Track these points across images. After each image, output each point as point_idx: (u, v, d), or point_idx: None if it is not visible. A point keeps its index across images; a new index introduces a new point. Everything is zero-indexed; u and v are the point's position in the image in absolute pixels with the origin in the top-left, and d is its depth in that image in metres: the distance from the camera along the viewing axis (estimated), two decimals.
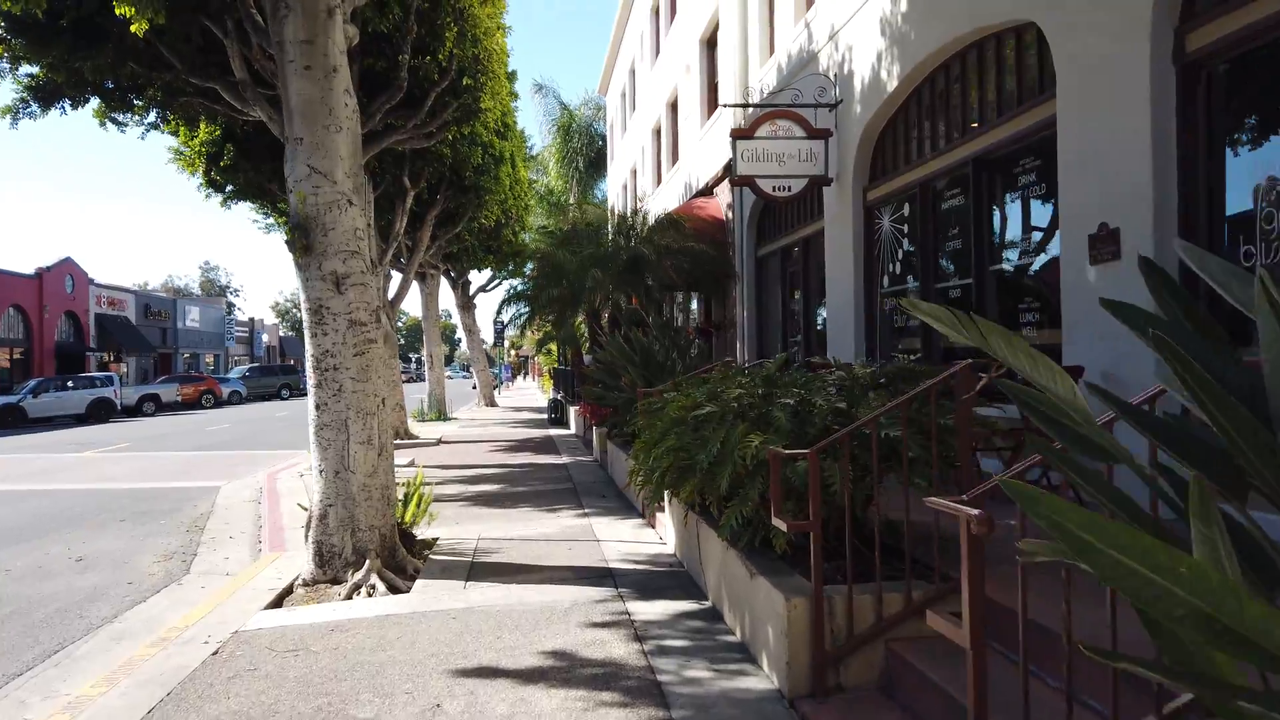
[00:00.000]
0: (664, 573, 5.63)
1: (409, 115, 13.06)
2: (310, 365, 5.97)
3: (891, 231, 8.64)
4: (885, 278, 8.77)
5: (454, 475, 11.42)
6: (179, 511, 9.85)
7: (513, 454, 13.98)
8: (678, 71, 17.99)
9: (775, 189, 9.41)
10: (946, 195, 7.46)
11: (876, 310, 8.96)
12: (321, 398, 5.92)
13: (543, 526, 7.48)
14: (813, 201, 10.80)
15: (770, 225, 12.75)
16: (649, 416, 5.43)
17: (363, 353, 5.96)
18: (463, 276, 28.66)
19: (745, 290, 13.27)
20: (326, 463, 5.94)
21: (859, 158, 8.99)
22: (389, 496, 6.15)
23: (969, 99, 7.12)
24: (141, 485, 11.99)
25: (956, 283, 7.40)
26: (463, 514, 8.36)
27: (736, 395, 4.07)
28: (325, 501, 5.96)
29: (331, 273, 5.86)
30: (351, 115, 6.04)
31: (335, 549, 5.94)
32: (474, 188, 17.19)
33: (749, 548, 4.10)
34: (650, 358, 8.71)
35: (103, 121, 13.53)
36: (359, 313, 5.94)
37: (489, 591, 5.39)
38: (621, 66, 27.77)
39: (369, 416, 5.97)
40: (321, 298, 5.87)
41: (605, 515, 7.92)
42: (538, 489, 9.83)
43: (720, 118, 14.42)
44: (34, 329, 35.16)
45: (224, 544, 8.08)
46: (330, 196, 5.86)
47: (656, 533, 6.96)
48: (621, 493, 9.17)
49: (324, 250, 5.86)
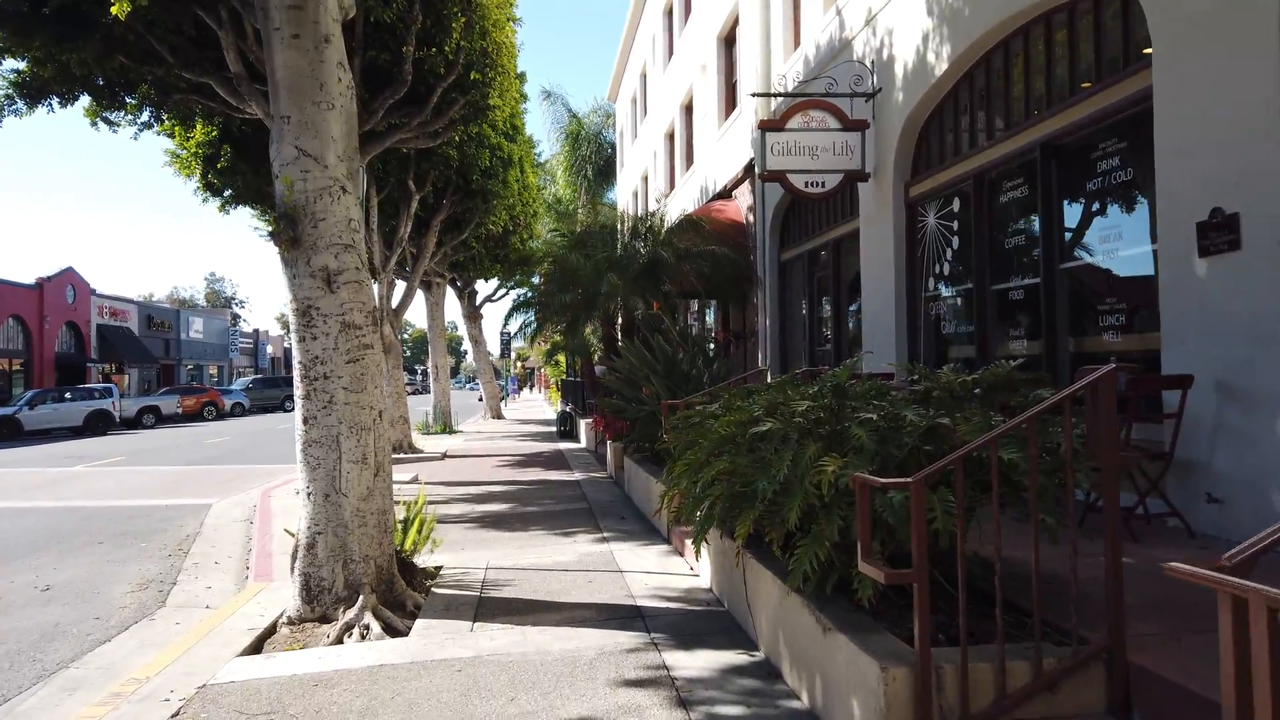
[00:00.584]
0: (702, 613, 4.87)
1: (413, 113, 12.41)
2: (297, 374, 5.26)
3: (938, 229, 7.92)
4: (931, 280, 8.04)
5: (459, 493, 10.69)
6: (163, 532, 9.13)
7: (522, 469, 13.25)
8: (692, 72, 17.36)
9: (808, 185, 8.70)
10: (1006, 186, 6.74)
11: (920, 315, 8.22)
12: (310, 410, 5.20)
13: (558, 553, 6.74)
14: (844, 200, 10.09)
15: (795, 228, 12.04)
16: (684, 432, 4.70)
17: (357, 359, 5.24)
18: (469, 286, 28.03)
19: (768, 296, 12.55)
20: (315, 484, 5.22)
21: (900, 150, 8.27)
22: (386, 522, 5.42)
23: (1033, 79, 6.41)
24: (128, 503, 11.29)
25: (1020, 283, 6.67)
26: (469, 537, 7.63)
27: (804, 409, 3.33)
28: (313, 528, 5.23)
29: (322, 268, 5.16)
30: (346, 92, 5.35)
31: (324, 583, 5.21)
32: (481, 192, 16.54)
33: (818, 593, 3.35)
34: (674, 367, 7.98)
35: (94, 121, 12.92)
36: (353, 314, 5.23)
37: (500, 636, 4.64)
38: (632, 71, 27.21)
39: (364, 432, 5.25)
40: (310, 297, 5.17)
41: (626, 540, 7.17)
42: (550, 509, 9.09)
43: (740, 116, 13.75)
44: (34, 340, 34.62)
45: (208, 571, 7.36)
46: (321, 182, 5.17)
47: (686, 561, 6.21)
48: (642, 514, 8.42)
49: (313, 243, 5.16)
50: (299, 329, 5.20)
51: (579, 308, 11.88)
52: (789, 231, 12.35)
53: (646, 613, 4.91)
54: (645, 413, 7.95)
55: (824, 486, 2.99)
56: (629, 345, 8.68)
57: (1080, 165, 5.88)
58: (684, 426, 4.93)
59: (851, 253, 10.09)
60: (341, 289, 5.20)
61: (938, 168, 7.82)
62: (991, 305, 6.98)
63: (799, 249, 11.81)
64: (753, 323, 13.16)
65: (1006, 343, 6.76)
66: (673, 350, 8.14)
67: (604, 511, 8.74)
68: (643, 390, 8.31)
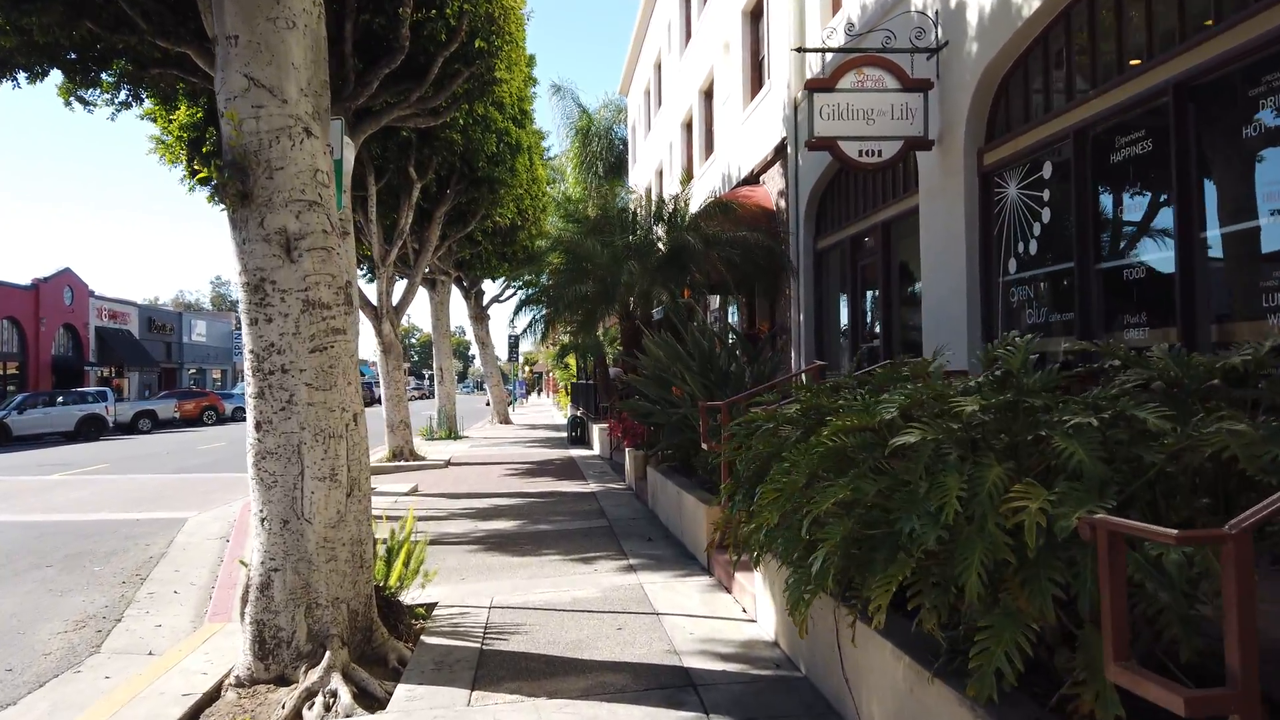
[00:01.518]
0: (772, 681, 3.70)
1: (413, 87, 11.31)
2: (247, 366, 4.13)
3: (1021, 201, 6.74)
4: (1011, 261, 6.86)
5: (462, 507, 9.54)
6: (125, 553, 8.02)
7: (531, 479, 12.10)
8: (714, 53, 16.23)
9: (862, 154, 7.54)
10: (1121, 143, 5.57)
11: (997, 303, 7.04)
12: (263, 413, 4.07)
13: (576, 585, 5.58)
14: (896, 176, 8.92)
15: (833, 212, 10.88)
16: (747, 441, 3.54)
17: (324, 347, 4.11)
18: (476, 286, 26.95)
19: (802, 288, 11.37)
20: (270, 508, 4.08)
21: (973, 111, 7.10)
22: (362, 555, 4.28)
23: (1160, 4, 5.24)
24: (96, 516, 10.19)
25: (1140, 259, 5.49)
26: (471, 563, 6.48)
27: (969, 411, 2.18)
28: (269, 564, 4.09)
29: (279, 231, 4.03)
30: (312, 8, 4.22)
31: (282, 634, 4.07)
32: (488, 180, 15.42)
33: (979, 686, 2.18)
34: (712, 363, 6.81)
35: (67, 100, 11.85)
36: (319, 290, 4.10)
37: (507, 714, 3.49)
38: (645, 61, 26.14)
39: (333, 440, 4.11)
40: (264, 267, 4.04)
41: (657, 568, 6.01)
42: (564, 527, 7.93)
43: (769, 94, 12.60)
44: (29, 342, 33.70)
45: (163, 603, 6.24)
46: (278, 121, 4.04)
47: (736, 601, 5.04)
48: (671, 534, 7.26)
49: (268, 199, 4.03)
50: (249, 308, 4.07)
51: (594, 300, 10.71)
52: (826, 217, 11.18)
53: (698, 679, 3.74)
54: (678, 416, 6.78)
55: (1028, 535, 1.83)
56: (657, 339, 7.52)
57: (1231, 108, 4.71)
58: (743, 434, 3.77)
59: (906, 235, 8.92)
60: (304, 257, 4.06)
61: (1021, 129, 6.65)
62: (1097, 287, 5.80)
63: (838, 235, 10.64)
64: (784, 318, 11.98)
65: (1120, 331, 5.59)
66: (709, 344, 6.98)
67: (627, 530, 7.58)
68: (673, 390, 7.15)
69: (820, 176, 10.73)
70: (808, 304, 11.39)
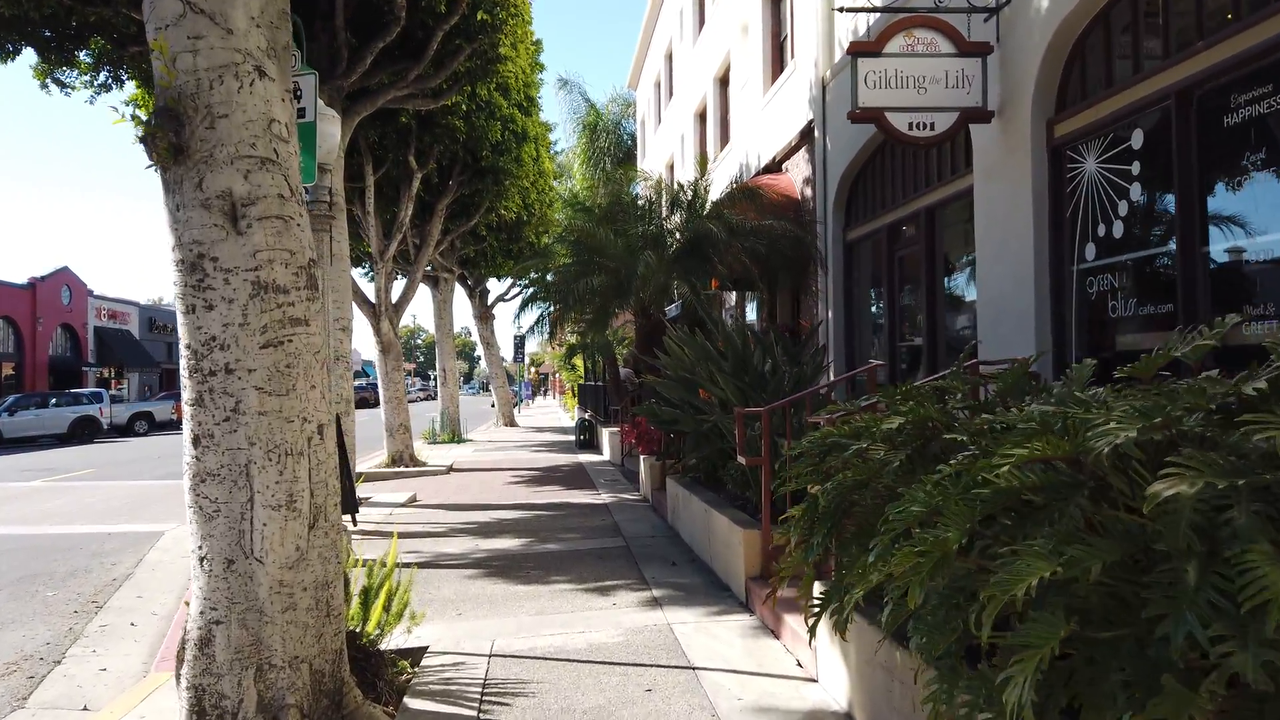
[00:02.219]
0: None
1: (410, 65, 10.49)
2: (184, 365, 3.29)
3: (1101, 177, 5.87)
4: (1089, 246, 5.99)
5: (463, 521, 8.70)
6: (88, 573, 7.21)
7: (538, 488, 11.25)
8: (730, 37, 15.38)
9: (912, 127, 6.68)
10: (1240, 101, 4.70)
11: (1070, 294, 6.17)
12: (203, 424, 3.23)
13: (592, 625, 4.72)
14: (943, 155, 8.06)
15: (866, 199, 10.01)
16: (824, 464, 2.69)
17: (279, 342, 3.26)
18: (480, 285, 26.15)
19: (831, 283, 10.51)
20: (212, 544, 3.24)
21: (1043, 77, 6.23)
22: (329, 600, 3.43)
23: None
24: (67, 529, 9.39)
25: (1259, 240, 4.62)
26: (469, 593, 5.63)
27: None
28: (209, 615, 3.25)
29: (222, 194, 3.19)
30: None
31: (226, 703, 3.22)
32: (492, 170, 14.60)
33: None
34: (747, 364, 5.95)
35: (44, 82, 11.07)
36: (274, 269, 3.25)
37: None
38: (655, 51, 25.32)
39: (291, 458, 3.27)
40: (202, 240, 3.20)
41: (686, 602, 5.14)
42: (576, 547, 7.08)
43: (793, 74, 11.75)
44: (26, 342, 33.02)
45: (115, 639, 5.42)
46: (222, 57, 3.20)
47: (787, 649, 4.18)
48: (696, 556, 6.40)
49: (208, 154, 3.19)
50: (185, 293, 3.23)
51: (607, 294, 9.84)
52: (857, 205, 10.31)
53: None
54: (708, 425, 5.91)
55: None
56: (682, 335, 6.66)
57: None
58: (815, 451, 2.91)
59: (955, 221, 8.05)
60: (254, 228, 3.22)
61: (1103, 94, 5.77)
62: (1203, 273, 4.94)
63: (872, 225, 9.77)
64: (809, 315, 11.12)
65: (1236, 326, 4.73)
66: (742, 342, 6.10)
67: (647, 552, 6.72)
68: (700, 394, 6.29)
69: (852, 161, 9.87)
70: (837, 300, 10.53)
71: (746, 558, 4.92)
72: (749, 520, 5.21)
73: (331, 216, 6.83)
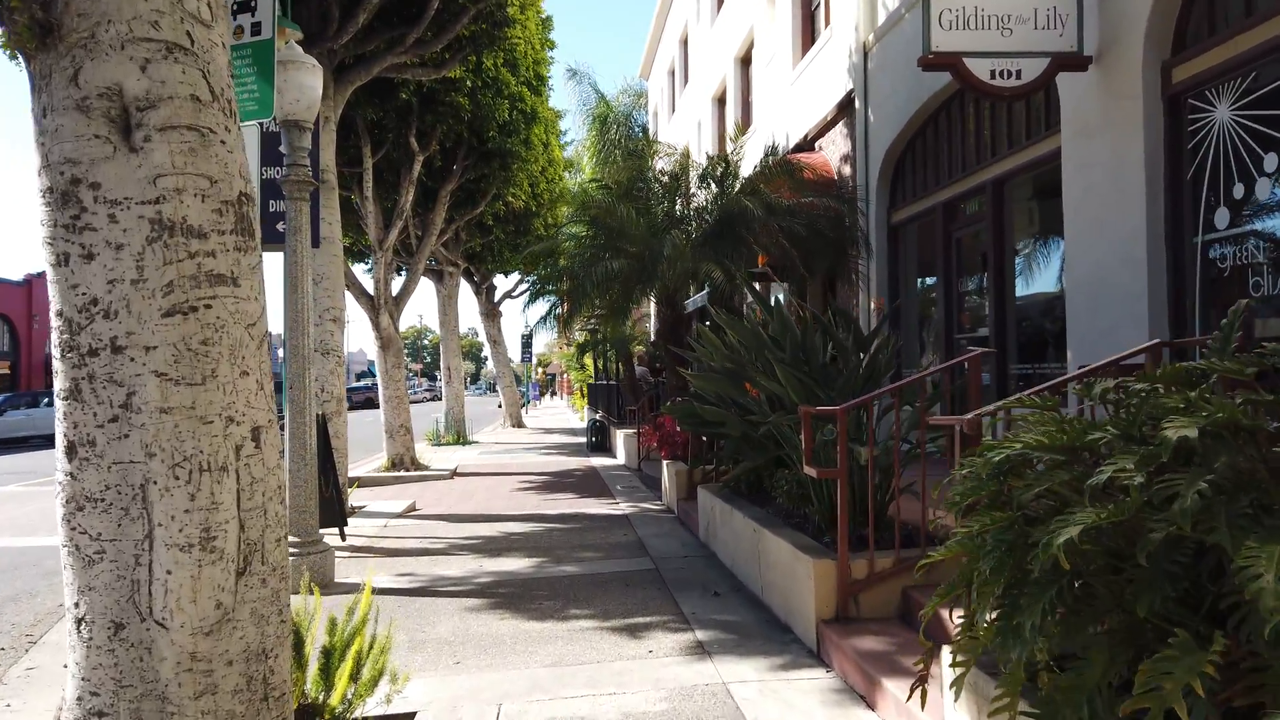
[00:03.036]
0: None
1: (408, 30, 9.52)
2: (55, 341, 2.29)
3: (1233, 129, 4.84)
4: (1217, 213, 4.96)
5: (465, 535, 7.70)
6: (33, 596, 6.25)
7: (548, 495, 10.26)
8: (754, 11, 14.37)
9: (995, 75, 5.67)
10: None
11: (1191, 270, 5.14)
12: (80, 426, 2.23)
13: (625, 684, 3.70)
14: (1015, 117, 7.04)
15: (915, 175, 9.00)
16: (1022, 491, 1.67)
17: (191, 307, 2.26)
18: (487, 281, 25.18)
19: (875, 268, 9.49)
20: (92, 600, 2.25)
21: (1157, 11, 5.21)
22: (266, 676, 2.42)
23: None
24: (22, 542, 8.44)
25: None
26: (470, 632, 4.62)
27: None
28: (89, 703, 2.25)
29: (107, 91, 2.19)
30: None
31: None
32: (499, 153, 13.60)
33: None
34: (809, 353, 4.90)
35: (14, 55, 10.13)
36: (184, 202, 2.25)
37: None
38: (669, 38, 24.37)
39: (210, 477, 2.26)
40: (79, 159, 2.20)
41: (740, 650, 4.12)
42: (596, 570, 6.06)
43: (829, 42, 10.73)
44: (22, 341, 32.22)
45: (39, 689, 4.42)
46: None
47: None
48: (742, 584, 5.37)
49: (89, 33, 2.19)
50: (55, 235, 2.23)
51: (628, 280, 8.81)
52: (904, 182, 9.29)
53: None
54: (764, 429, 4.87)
55: None
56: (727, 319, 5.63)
57: None
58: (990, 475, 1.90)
59: (1031, 194, 7.03)
60: (156, 142, 2.22)
61: (1239, 26, 4.75)
62: None
63: (922, 204, 8.76)
64: (847, 304, 10.09)
65: None
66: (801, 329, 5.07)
67: (680, 577, 5.69)
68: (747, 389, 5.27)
69: (900, 133, 8.85)
70: (880, 287, 9.51)
71: (819, 594, 3.90)
72: (817, 547, 4.19)
73: (311, 183, 5.85)
